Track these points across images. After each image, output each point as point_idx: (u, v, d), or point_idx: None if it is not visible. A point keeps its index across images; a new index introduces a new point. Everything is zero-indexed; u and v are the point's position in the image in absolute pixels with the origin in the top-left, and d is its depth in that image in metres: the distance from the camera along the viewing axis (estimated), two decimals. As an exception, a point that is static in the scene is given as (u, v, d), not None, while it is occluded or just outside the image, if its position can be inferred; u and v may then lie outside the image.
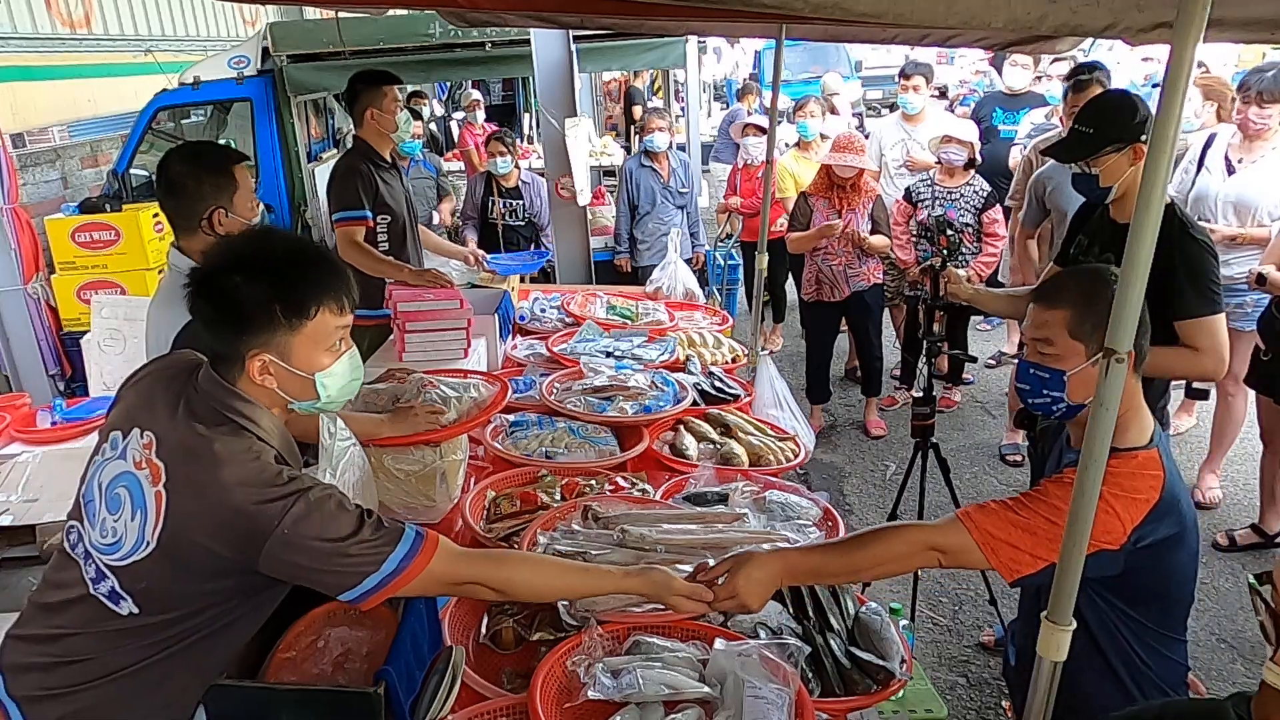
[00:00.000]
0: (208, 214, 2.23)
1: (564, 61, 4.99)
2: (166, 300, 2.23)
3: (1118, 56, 10.79)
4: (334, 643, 1.61)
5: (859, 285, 4.89)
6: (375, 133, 3.78)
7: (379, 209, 3.78)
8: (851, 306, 5.03)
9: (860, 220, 4.79)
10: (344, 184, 3.75)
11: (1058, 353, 1.81)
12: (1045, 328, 1.83)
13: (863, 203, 4.80)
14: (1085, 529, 1.58)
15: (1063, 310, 1.81)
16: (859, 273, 4.86)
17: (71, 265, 5.66)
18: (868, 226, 4.81)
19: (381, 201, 3.78)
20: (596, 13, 3.46)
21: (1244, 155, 4.02)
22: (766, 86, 10.27)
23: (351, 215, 3.70)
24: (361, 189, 3.71)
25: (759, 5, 1.68)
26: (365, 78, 3.80)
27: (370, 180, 3.74)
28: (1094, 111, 2.63)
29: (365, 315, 3.72)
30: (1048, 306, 1.84)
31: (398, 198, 3.87)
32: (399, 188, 3.90)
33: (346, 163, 3.84)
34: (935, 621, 3.64)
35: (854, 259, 4.84)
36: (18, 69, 6.07)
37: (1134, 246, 1.44)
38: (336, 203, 3.75)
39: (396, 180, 3.90)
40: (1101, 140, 2.56)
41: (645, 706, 1.59)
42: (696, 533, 2.03)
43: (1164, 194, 1.43)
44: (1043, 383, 1.84)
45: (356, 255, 3.67)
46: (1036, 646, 1.62)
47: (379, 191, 3.77)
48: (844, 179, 4.72)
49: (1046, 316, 1.83)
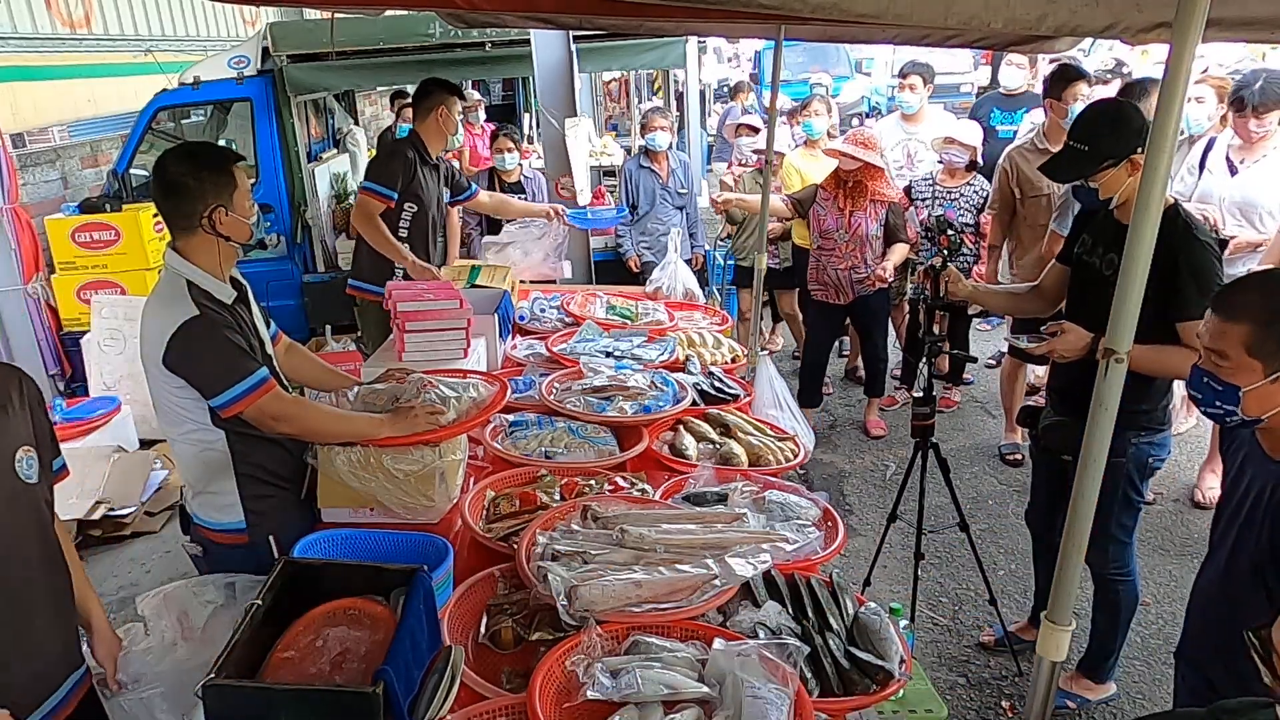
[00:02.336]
0: (208, 213, 2.22)
1: (564, 61, 5.00)
2: (162, 301, 2.23)
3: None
4: (332, 642, 1.60)
5: (864, 290, 4.83)
6: (435, 130, 4.08)
7: (408, 196, 4.04)
8: (856, 310, 4.99)
9: (870, 225, 4.71)
10: (385, 161, 4.13)
11: (1232, 367, 1.73)
12: (1222, 339, 1.74)
13: (870, 205, 4.69)
14: (1085, 529, 1.58)
15: (1243, 326, 1.71)
16: (866, 278, 4.78)
17: (71, 265, 5.66)
18: (877, 231, 4.72)
19: (413, 191, 4.05)
20: (596, 13, 3.47)
21: (1245, 156, 4.01)
22: (766, 86, 10.27)
23: (377, 189, 3.97)
24: (401, 172, 4.00)
25: (758, 5, 1.68)
26: (442, 83, 4.20)
27: (411, 168, 4.02)
28: (1087, 126, 2.61)
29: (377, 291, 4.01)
30: (1226, 318, 1.74)
31: (430, 193, 4.13)
32: (434, 187, 4.16)
33: (395, 145, 4.21)
34: (935, 621, 3.64)
35: (861, 264, 4.76)
36: (18, 69, 6.07)
37: (1134, 247, 1.44)
38: (370, 174, 4.08)
39: (434, 179, 4.15)
40: (1097, 157, 2.54)
41: (644, 706, 1.59)
42: (696, 533, 2.03)
43: (1164, 193, 1.43)
44: (1215, 394, 1.77)
45: (367, 227, 4.00)
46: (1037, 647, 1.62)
47: (414, 181, 4.04)
48: (847, 174, 4.66)
49: (1225, 329, 1.74)
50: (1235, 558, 1.88)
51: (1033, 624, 3.43)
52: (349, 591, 1.70)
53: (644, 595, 1.80)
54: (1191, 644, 2.07)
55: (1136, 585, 2.97)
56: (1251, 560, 1.82)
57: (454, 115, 4.11)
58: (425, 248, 4.16)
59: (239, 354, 2.21)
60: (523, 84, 10.73)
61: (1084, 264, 2.78)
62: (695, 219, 5.86)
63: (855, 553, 4.01)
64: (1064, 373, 2.83)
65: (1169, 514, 4.31)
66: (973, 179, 4.89)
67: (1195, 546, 4.03)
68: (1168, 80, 1.39)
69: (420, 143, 4.09)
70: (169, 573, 4.20)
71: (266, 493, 2.37)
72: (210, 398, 2.20)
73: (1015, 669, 3.33)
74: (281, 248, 6.44)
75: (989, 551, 4.04)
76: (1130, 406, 1.97)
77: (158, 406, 2.30)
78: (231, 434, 2.30)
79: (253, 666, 1.57)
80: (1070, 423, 2.77)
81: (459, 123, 4.20)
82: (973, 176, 4.89)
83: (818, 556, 2.13)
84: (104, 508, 4.44)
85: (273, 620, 1.63)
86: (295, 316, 6.29)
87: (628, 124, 10.24)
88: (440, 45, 6.13)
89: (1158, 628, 3.53)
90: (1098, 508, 1.62)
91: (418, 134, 4.12)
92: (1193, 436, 4.97)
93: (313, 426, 2.28)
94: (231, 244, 2.30)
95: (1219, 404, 1.77)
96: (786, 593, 1.95)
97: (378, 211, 3.96)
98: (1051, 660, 1.64)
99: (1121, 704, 3.15)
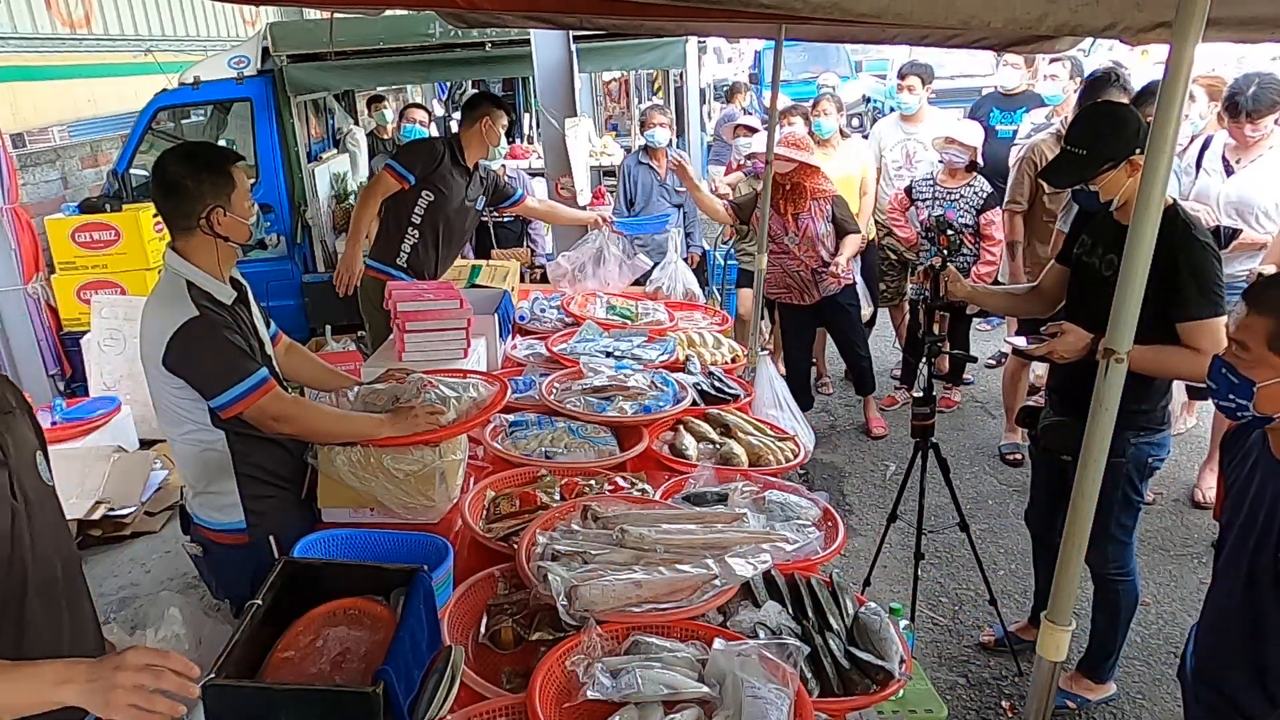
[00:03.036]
0: (206, 213, 2.22)
1: (564, 61, 5.00)
2: (162, 301, 2.22)
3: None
4: (332, 642, 1.60)
5: (829, 289, 4.75)
6: (476, 138, 4.10)
7: (427, 185, 4.03)
8: (825, 310, 4.91)
9: (817, 224, 4.62)
10: (414, 146, 4.26)
11: (1252, 360, 1.71)
12: (1245, 331, 1.72)
13: (812, 204, 4.59)
14: (1085, 529, 1.58)
15: (1268, 320, 1.69)
16: (827, 275, 4.69)
17: (71, 265, 5.66)
18: (826, 229, 4.64)
19: (433, 182, 4.04)
20: (596, 13, 3.46)
21: (1242, 156, 4.00)
22: (766, 86, 10.26)
23: (395, 166, 4.01)
24: (425, 159, 4.03)
25: (758, 5, 1.68)
26: (491, 98, 4.31)
27: (438, 160, 4.03)
28: (1084, 131, 2.61)
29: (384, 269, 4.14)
30: (1253, 309, 1.72)
31: (454, 192, 4.11)
32: (460, 187, 4.13)
33: (432, 139, 4.32)
34: (935, 621, 3.64)
35: (818, 262, 4.67)
36: (18, 69, 6.07)
37: (1134, 247, 1.44)
38: (395, 155, 4.16)
39: (461, 182, 4.14)
40: (1095, 161, 2.54)
41: (644, 706, 1.59)
42: (696, 533, 2.03)
43: (1164, 194, 1.43)
44: (1231, 386, 1.75)
45: (363, 196, 4.13)
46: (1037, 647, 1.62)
47: (439, 172, 4.04)
48: (783, 177, 4.51)
49: (1250, 320, 1.72)
50: (1255, 572, 1.84)
51: (1033, 624, 3.43)
52: (349, 591, 1.70)
53: (644, 595, 1.80)
54: (1207, 663, 2.01)
55: (1136, 585, 2.97)
56: (1275, 572, 1.78)
57: (497, 128, 4.12)
58: (435, 243, 4.14)
59: (239, 354, 2.21)
60: (523, 84, 10.73)
61: (1084, 264, 2.78)
62: (693, 218, 5.86)
63: (855, 553, 4.01)
64: (1063, 373, 2.83)
65: (1169, 514, 4.31)
66: (973, 179, 4.88)
67: (1195, 546, 4.04)
68: (1168, 80, 1.39)
69: (459, 145, 4.12)
70: (169, 573, 4.20)
71: (267, 493, 2.37)
72: (210, 398, 2.20)
73: (1015, 669, 3.33)
74: (281, 248, 6.44)
75: (989, 551, 4.04)
76: (1130, 407, 1.97)
77: (157, 407, 2.30)
78: (231, 434, 2.30)
79: (253, 666, 1.57)
80: (1070, 423, 2.78)
81: (501, 136, 4.18)
82: (973, 177, 4.88)
83: (818, 556, 2.13)
84: (104, 508, 4.44)
85: (273, 620, 1.63)
86: (295, 316, 6.29)
87: (628, 124, 10.24)
88: (440, 45, 6.13)
89: (1158, 628, 3.53)
90: (1097, 508, 1.62)
91: (458, 137, 4.16)
92: (1193, 436, 4.97)
93: (313, 426, 2.28)
94: (230, 244, 2.29)
95: (1232, 397, 1.76)
96: (786, 593, 1.95)
97: (388, 189, 4.01)
98: (1051, 660, 1.64)
99: (1121, 704, 3.15)
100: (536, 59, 5.02)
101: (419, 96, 9.98)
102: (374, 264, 4.16)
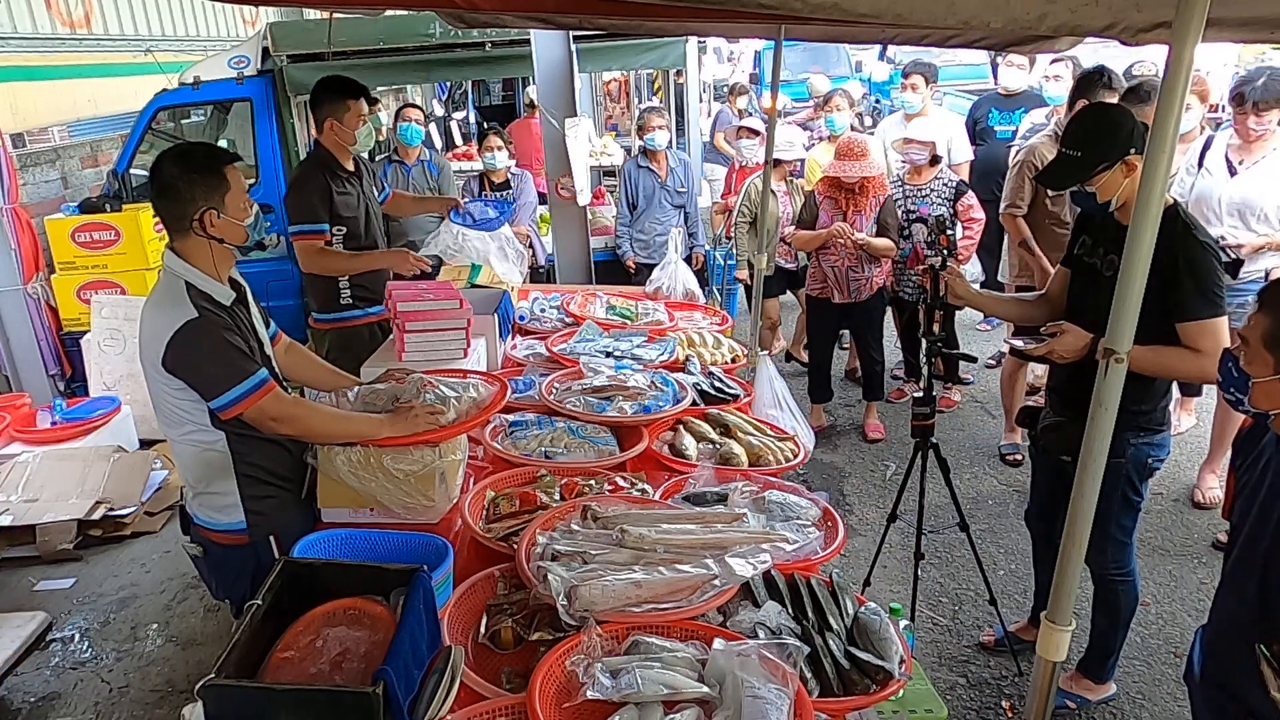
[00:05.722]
0: (198, 215, 2.21)
1: (564, 61, 5.00)
2: (161, 303, 2.22)
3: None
4: (332, 642, 1.60)
5: (859, 291, 4.88)
6: (337, 144, 3.70)
7: (334, 220, 3.67)
8: (852, 311, 5.03)
9: (865, 221, 4.77)
10: (299, 196, 3.64)
11: (1250, 355, 1.74)
12: (1249, 326, 1.76)
13: (870, 204, 4.78)
14: (1085, 529, 1.58)
15: (1267, 317, 1.72)
16: (861, 278, 4.84)
17: (71, 265, 5.66)
18: (873, 229, 4.78)
19: (337, 214, 3.67)
20: (596, 13, 3.46)
21: (1244, 156, 4.00)
22: (766, 86, 10.26)
23: (309, 229, 3.61)
24: (318, 201, 3.62)
25: (758, 5, 1.68)
26: (331, 85, 3.70)
27: (326, 192, 3.63)
28: (1078, 133, 2.61)
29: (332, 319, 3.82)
30: (1259, 306, 1.75)
31: (355, 208, 3.75)
32: (358, 196, 3.77)
33: (303, 173, 3.75)
34: (935, 621, 3.64)
35: (857, 262, 4.81)
36: (18, 69, 6.07)
37: (1134, 247, 1.44)
38: (293, 215, 3.64)
39: (356, 189, 3.78)
40: (1089, 163, 2.54)
41: (644, 706, 1.59)
42: (696, 533, 2.03)
43: (1163, 194, 1.43)
44: (1232, 379, 1.79)
45: (322, 261, 3.65)
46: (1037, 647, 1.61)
47: (334, 203, 3.66)
48: (849, 182, 4.74)
49: (1255, 316, 1.75)
50: (1268, 577, 1.84)
51: (1033, 624, 3.43)
52: (349, 591, 1.70)
53: (644, 595, 1.80)
54: (1218, 666, 2.00)
55: (1136, 585, 2.97)
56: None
57: (350, 125, 3.65)
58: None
59: (238, 355, 2.20)
60: (522, 84, 10.74)
61: (1084, 265, 2.78)
62: (695, 219, 5.86)
63: (855, 553, 4.01)
64: (1063, 373, 2.83)
65: (1169, 514, 4.31)
66: (939, 171, 4.94)
67: (1195, 546, 4.04)
68: (1168, 80, 1.39)
69: (329, 157, 3.70)
70: (169, 573, 4.20)
71: (267, 493, 2.37)
72: (210, 399, 2.20)
73: (1015, 669, 3.33)
74: (281, 248, 6.38)
75: (989, 551, 4.04)
76: (1129, 407, 1.96)
77: (157, 407, 2.30)
78: (231, 434, 2.29)
79: (252, 666, 1.57)
80: (1069, 423, 2.77)
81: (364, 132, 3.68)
82: (938, 170, 4.94)
83: (818, 556, 2.13)
84: (104, 508, 4.44)
85: (272, 620, 1.63)
86: (295, 316, 6.27)
87: (627, 124, 10.24)
88: (440, 45, 6.14)
89: (1158, 628, 3.53)
90: (1097, 508, 1.62)
91: (323, 148, 3.72)
92: (1193, 436, 4.97)
93: (313, 427, 2.28)
94: (226, 246, 2.29)
95: (1233, 390, 1.79)
96: (786, 593, 1.95)
97: (318, 248, 3.62)
98: (1051, 660, 1.64)
99: (1121, 704, 3.15)
100: (536, 59, 5.02)
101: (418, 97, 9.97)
102: (321, 317, 3.87)
